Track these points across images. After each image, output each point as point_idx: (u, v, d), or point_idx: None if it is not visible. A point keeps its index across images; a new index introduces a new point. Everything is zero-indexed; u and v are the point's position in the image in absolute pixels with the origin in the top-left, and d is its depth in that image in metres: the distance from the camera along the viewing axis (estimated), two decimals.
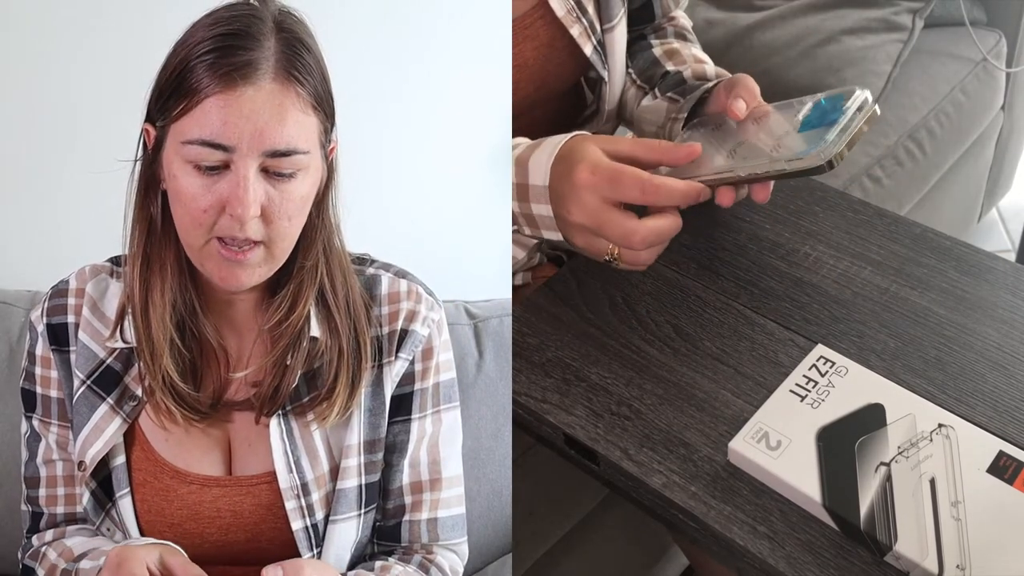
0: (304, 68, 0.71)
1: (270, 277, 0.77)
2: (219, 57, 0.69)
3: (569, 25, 1.01)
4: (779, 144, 0.83)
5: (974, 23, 1.64)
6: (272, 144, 0.70)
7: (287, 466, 0.77)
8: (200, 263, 0.74)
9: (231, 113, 0.69)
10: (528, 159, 0.88)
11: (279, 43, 0.71)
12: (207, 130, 0.69)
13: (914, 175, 1.56)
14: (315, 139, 0.73)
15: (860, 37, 1.52)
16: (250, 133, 0.69)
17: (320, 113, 0.73)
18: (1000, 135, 1.81)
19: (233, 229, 0.71)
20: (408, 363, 0.80)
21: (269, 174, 0.71)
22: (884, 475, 0.72)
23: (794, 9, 1.55)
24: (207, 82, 0.69)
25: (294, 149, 0.71)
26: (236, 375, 0.78)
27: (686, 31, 1.17)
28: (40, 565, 0.78)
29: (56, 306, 0.79)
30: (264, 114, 0.69)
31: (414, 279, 0.82)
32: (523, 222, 0.90)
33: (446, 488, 0.81)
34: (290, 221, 0.73)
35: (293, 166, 0.71)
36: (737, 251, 0.93)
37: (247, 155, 0.69)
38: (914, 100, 1.56)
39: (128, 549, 0.71)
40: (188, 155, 0.70)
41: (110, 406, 0.78)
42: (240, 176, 0.69)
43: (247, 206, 0.70)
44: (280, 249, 0.74)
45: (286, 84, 0.70)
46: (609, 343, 0.87)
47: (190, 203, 0.71)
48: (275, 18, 0.72)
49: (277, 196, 0.71)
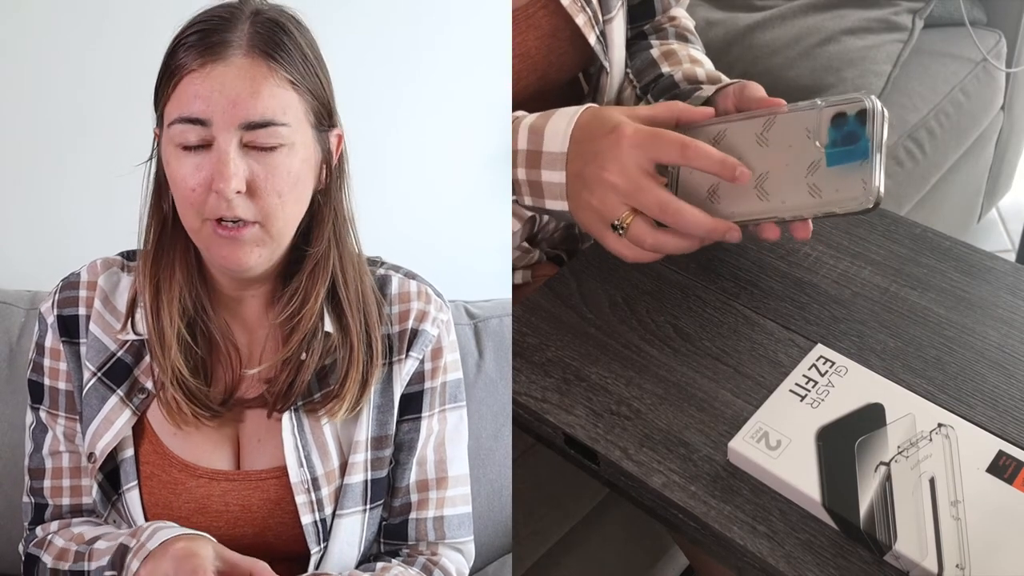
0: (278, 45, 0.73)
1: (279, 273, 0.77)
2: (197, 40, 0.72)
3: (575, 14, 1.01)
4: (815, 184, 0.80)
5: (974, 23, 1.64)
6: (247, 115, 0.71)
7: (298, 461, 0.77)
8: (204, 248, 0.75)
9: (204, 87, 0.71)
10: (544, 126, 0.87)
11: (253, 25, 0.73)
12: (184, 106, 0.71)
13: (914, 175, 1.56)
14: (298, 115, 0.74)
15: (860, 37, 1.52)
16: (223, 105, 0.71)
17: (303, 92, 0.74)
18: (1000, 135, 1.81)
19: (221, 207, 0.72)
20: (418, 362, 0.81)
21: (251, 149, 0.72)
22: (884, 475, 0.72)
23: (794, 9, 1.55)
24: (184, 62, 0.72)
25: (270, 120, 0.72)
26: (249, 372, 0.79)
27: (688, 32, 1.16)
28: (46, 551, 0.78)
29: (67, 298, 0.80)
30: (236, 86, 0.71)
31: (423, 280, 0.83)
32: (526, 191, 0.90)
33: (452, 487, 0.82)
34: (280, 198, 0.73)
35: (273, 138, 0.72)
36: (737, 251, 0.93)
37: (224, 129, 0.71)
38: (914, 100, 1.56)
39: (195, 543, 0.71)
40: (174, 137, 0.72)
41: (120, 398, 0.78)
42: (221, 151, 0.71)
43: (228, 179, 0.71)
44: (276, 228, 0.74)
45: (257, 59, 0.72)
46: (609, 343, 0.87)
47: (181, 184, 0.72)
48: (255, 8, 0.75)
49: (262, 171, 0.72)
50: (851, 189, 0.78)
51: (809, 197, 0.80)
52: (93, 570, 0.74)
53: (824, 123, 0.81)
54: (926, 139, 1.56)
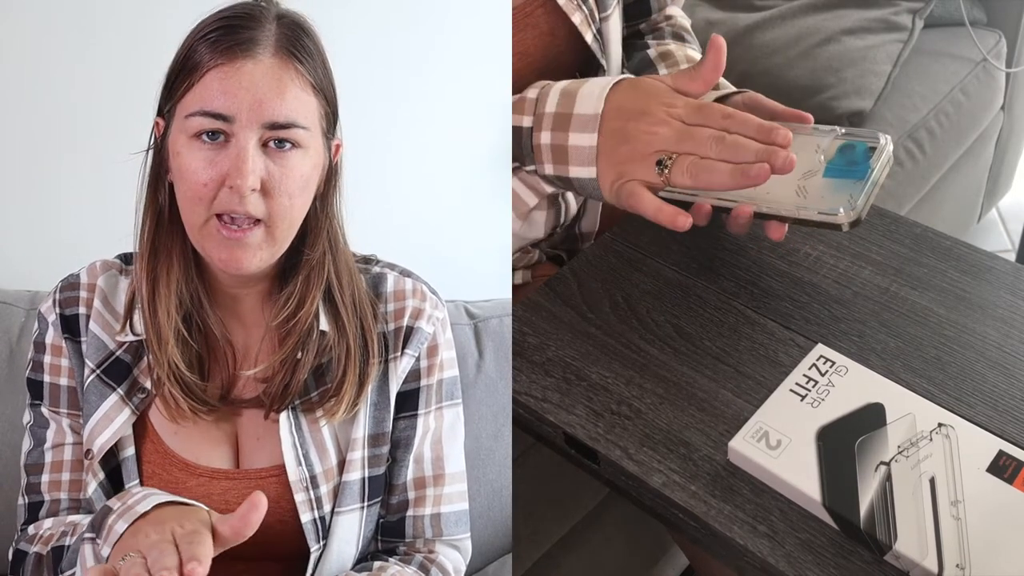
0: (304, 49, 0.73)
1: (276, 272, 0.77)
2: (222, 35, 0.72)
3: (571, 12, 1.01)
4: (804, 187, 0.82)
5: (974, 23, 1.64)
6: (271, 115, 0.71)
7: (296, 459, 0.77)
8: (201, 246, 0.74)
9: (231, 84, 0.71)
10: (577, 90, 0.88)
11: (280, 26, 0.73)
12: (208, 101, 0.71)
13: (914, 175, 1.56)
14: (315, 119, 0.74)
15: (860, 37, 1.52)
16: (249, 103, 0.71)
17: (320, 97, 0.74)
18: (1000, 135, 1.81)
19: (232, 202, 0.71)
20: (414, 360, 0.81)
21: (269, 148, 0.72)
22: (884, 474, 0.72)
23: (794, 9, 1.55)
24: (209, 57, 0.71)
25: (293, 122, 0.72)
26: (245, 373, 0.79)
27: (684, 31, 1.16)
28: (34, 545, 0.78)
29: (68, 298, 0.80)
30: (263, 86, 0.71)
31: (419, 278, 0.83)
32: (547, 157, 0.90)
33: (449, 484, 0.82)
34: (291, 200, 0.73)
35: (292, 139, 0.72)
36: (737, 251, 0.93)
37: (246, 126, 0.71)
38: (914, 100, 1.56)
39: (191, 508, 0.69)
40: (190, 127, 0.71)
41: (120, 396, 0.78)
42: (240, 147, 0.71)
43: (246, 176, 0.70)
44: (280, 231, 0.74)
45: (286, 60, 0.72)
46: (609, 342, 0.87)
47: (191, 177, 0.72)
48: (277, 11, 0.75)
49: (277, 171, 0.72)
50: (836, 200, 0.80)
51: (794, 195, 0.82)
52: (73, 541, 0.73)
53: (835, 144, 0.84)
54: (926, 139, 1.56)
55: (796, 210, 0.81)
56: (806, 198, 0.81)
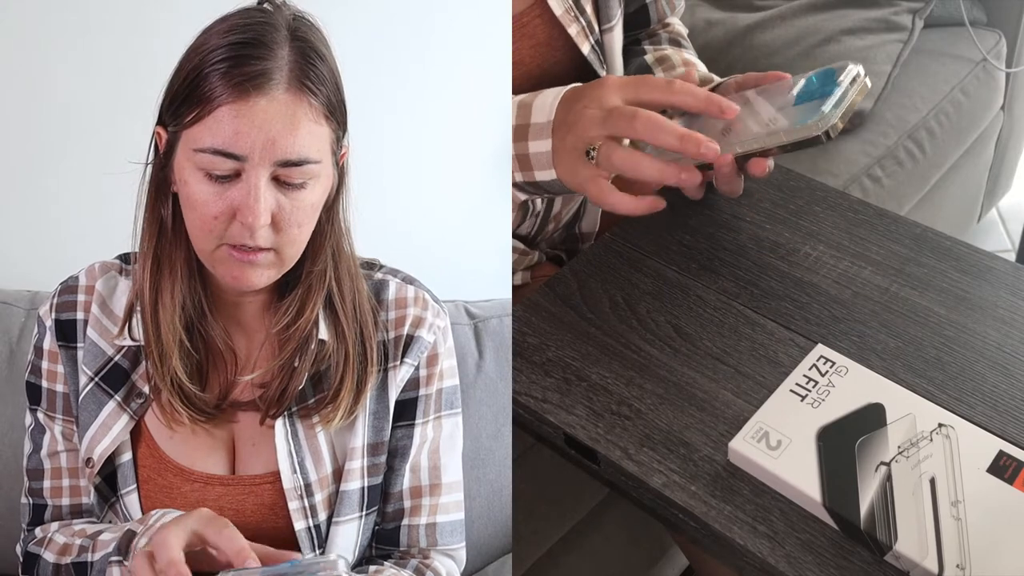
0: (317, 78, 0.72)
1: (278, 280, 0.77)
2: (232, 66, 0.69)
3: (567, 24, 1.01)
4: (775, 118, 0.84)
5: (974, 23, 1.64)
6: (284, 154, 0.70)
7: (291, 467, 0.77)
8: (212, 266, 0.74)
9: (243, 123, 0.69)
10: (532, 102, 0.89)
11: (293, 52, 0.71)
12: (219, 139, 0.69)
13: (914, 175, 1.56)
14: (327, 148, 0.73)
15: (860, 37, 1.52)
16: (262, 143, 0.69)
17: (332, 122, 0.73)
18: (1000, 135, 1.81)
19: (243, 236, 0.71)
20: (413, 369, 0.80)
21: (280, 183, 0.71)
22: (884, 475, 0.72)
23: (794, 9, 1.55)
24: (220, 91, 0.69)
25: (306, 159, 0.71)
26: (244, 378, 0.79)
27: (681, 37, 1.17)
28: (47, 549, 0.78)
29: (66, 302, 0.80)
30: (276, 124, 0.70)
31: (421, 285, 0.82)
32: (515, 166, 0.90)
33: (445, 493, 0.81)
34: (300, 228, 0.73)
35: (304, 175, 0.72)
36: (737, 251, 0.93)
37: (259, 164, 0.70)
38: (914, 100, 1.56)
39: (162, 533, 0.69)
40: (200, 163, 0.70)
41: (117, 403, 0.78)
42: (251, 185, 0.70)
43: (257, 215, 0.70)
44: (289, 255, 0.74)
45: (299, 94, 0.71)
46: (609, 343, 0.87)
47: (201, 209, 0.71)
48: (289, 25, 0.72)
49: (288, 204, 0.72)
50: (803, 119, 0.81)
51: (766, 126, 0.83)
52: (98, 559, 0.74)
53: (803, 78, 0.87)
54: (926, 139, 1.56)
55: (767, 137, 0.82)
56: (777, 124, 0.83)
